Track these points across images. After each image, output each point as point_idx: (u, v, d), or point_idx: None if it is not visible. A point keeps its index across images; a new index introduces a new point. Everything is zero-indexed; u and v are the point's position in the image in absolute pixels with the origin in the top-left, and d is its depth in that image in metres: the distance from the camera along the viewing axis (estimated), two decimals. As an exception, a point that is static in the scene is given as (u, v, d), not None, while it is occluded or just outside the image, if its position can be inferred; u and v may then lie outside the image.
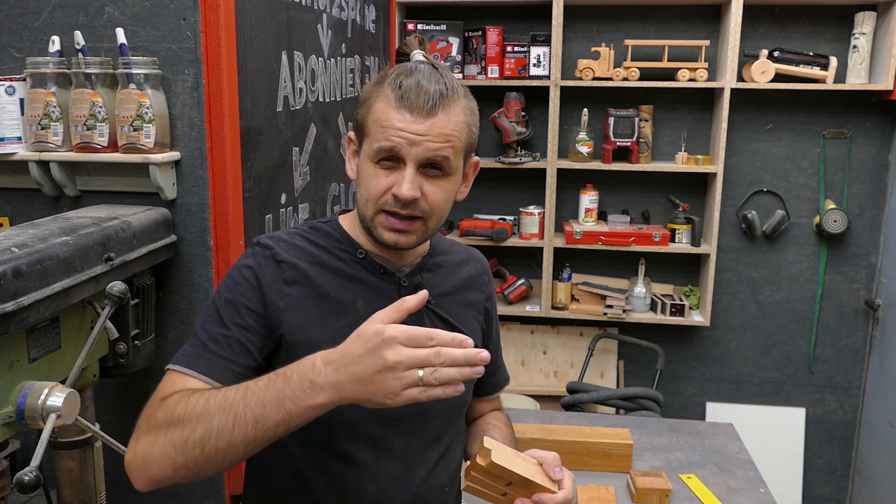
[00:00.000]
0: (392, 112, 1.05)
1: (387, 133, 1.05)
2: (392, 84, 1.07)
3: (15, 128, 1.61)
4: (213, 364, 1.05)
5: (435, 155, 1.06)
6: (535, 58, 3.11)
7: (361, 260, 1.16)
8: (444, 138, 1.06)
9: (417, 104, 1.05)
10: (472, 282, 1.28)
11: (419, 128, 1.05)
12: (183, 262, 1.66)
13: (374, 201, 1.08)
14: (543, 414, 2.29)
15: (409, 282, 1.18)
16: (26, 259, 1.20)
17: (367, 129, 1.09)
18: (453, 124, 1.07)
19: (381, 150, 1.06)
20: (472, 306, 1.27)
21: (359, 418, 1.11)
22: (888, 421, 3.06)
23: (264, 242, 1.14)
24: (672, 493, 1.71)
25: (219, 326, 1.08)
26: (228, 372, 1.05)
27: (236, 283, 1.11)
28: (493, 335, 1.34)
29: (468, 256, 1.31)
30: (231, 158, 1.62)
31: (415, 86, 1.05)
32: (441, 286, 1.22)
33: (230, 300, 1.09)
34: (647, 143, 3.14)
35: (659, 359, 3.16)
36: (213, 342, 1.07)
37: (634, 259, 3.30)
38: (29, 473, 1.13)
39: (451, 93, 1.07)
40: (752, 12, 3.03)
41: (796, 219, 3.26)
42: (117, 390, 1.73)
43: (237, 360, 1.07)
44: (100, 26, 1.59)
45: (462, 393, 1.23)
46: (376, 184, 1.08)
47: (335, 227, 1.19)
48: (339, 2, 2.26)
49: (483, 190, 3.40)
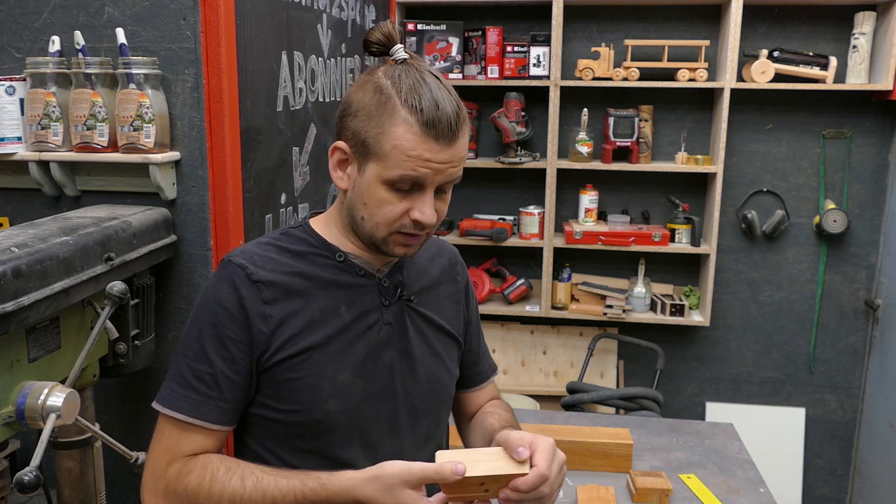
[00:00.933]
0: (418, 142, 1.01)
1: (413, 164, 1.02)
2: (408, 105, 1.01)
3: (15, 128, 1.61)
4: (202, 405, 1.07)
5: (454, 178, 1.07)
6: (534, 58, 3.11)
7: (341, 263, 1.15)
8: (462, 160, 1.06)
9: (442, 131, 1.01)
10: (445, 273, 1.29)
11: (445, 156, 1.03)
12: (183, 262, 1.66)
13: (389, 226, 1.07)
14: (543, 414, 2.29)
15: (389, 281, 1.17)
16: (26, 259, 1.20)
17: (382, 153, 1.03)
18: (467, 142, 1.07)
19: (403, 178, 1.03)
20: (451, 297, 1.28)
21: (353, 423, 1.12)
22: (888, 421, 3.06)
23: (237, 261, 1.10)
24: (672, 493, 1.71)
25: (203, 363, 1.08)
26: (217, 410, 1.08)
27: (216, 314, 1.08)
28: (472, 325, 1.33)
29: (438, 249, 1.31)
30: (231, 158, 1.62)
31: (434, 108, 1.01)
32: (419, 282, 1.22)
33: (213, 333, 1.08)
34: (646, 143, 3.14)
35: (659, 359, 3.16)
36: (200, 382, 1.07)
37: (634, 259, 3.30)
38: (29, 473, 1.13)
39: (461, 108, 1.05)
40: (751, 12, 3.03)
41: (796, 219, 3.26)
42: (117, 390, 1.73)
43: (226, 396, 1.08)
44: (100, 26, 1.59)
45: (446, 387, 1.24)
46: (392, 210, 1.06)
47: (309, 232, 1.17)
48: (339, 2, 2.26)
49: (483, 190, 3.40)
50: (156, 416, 1.13)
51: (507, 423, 1.24)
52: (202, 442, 1.09)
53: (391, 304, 1.17)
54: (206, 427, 1.08)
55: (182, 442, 1.08)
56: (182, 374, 1.09)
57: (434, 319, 1.22)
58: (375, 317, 1.15)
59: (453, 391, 1.29)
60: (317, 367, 1.10)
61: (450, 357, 1.26)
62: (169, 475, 1.07)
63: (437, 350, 1.22)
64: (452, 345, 1.27)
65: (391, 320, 1.16)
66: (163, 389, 1.11)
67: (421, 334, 1.20)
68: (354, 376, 1.12)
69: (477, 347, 1.36)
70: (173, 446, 1.08)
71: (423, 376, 1.19)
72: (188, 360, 1.09)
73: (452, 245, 1.36)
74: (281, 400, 1.10)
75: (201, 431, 1.08)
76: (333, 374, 1.10)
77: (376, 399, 1.14)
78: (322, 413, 1.10)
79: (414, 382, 1.18)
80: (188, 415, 1.07)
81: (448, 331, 1.25)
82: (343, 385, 1.11)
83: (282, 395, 1.10)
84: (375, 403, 1.14)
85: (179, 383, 1.09)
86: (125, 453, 1.39)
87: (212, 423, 1.08)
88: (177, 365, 1.10)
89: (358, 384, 1.12)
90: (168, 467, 1.08)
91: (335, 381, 1.10)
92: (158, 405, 1.10)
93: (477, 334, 1.36)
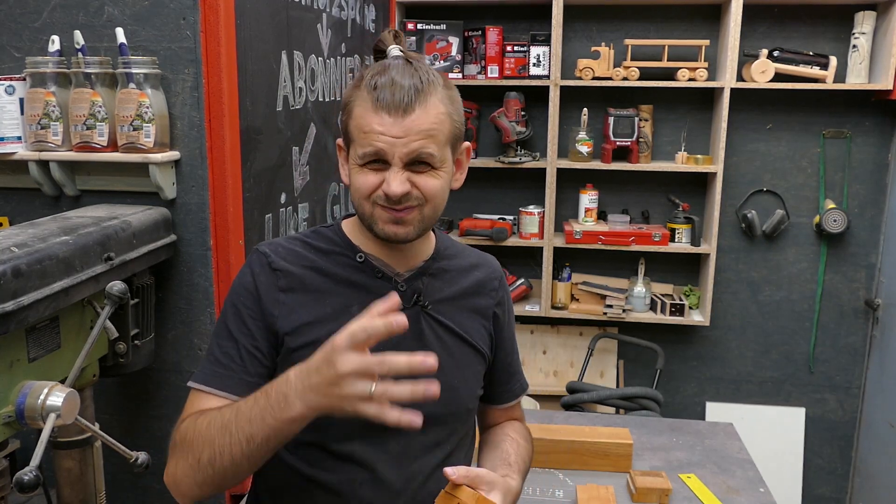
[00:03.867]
0: (371, 116, 1.05)
1: (369, 138, 1.05)
2: (367, 86, 1.06)
3: (15, 127, 1.61)
4: (227, 378, 1.11)
5: (418, 153, 1.06)
6: (534, 57, 3.11)
7: (360, 264, 1.16)
8: (424, 134, 1.06)
9: (393, 104, 1.04)
10: (480, 287, 1.26)
11: (398, 129, 1.04)
12: (183, 262, 1.66)
13: (367, 197, 1.09)
14: (543, 414, 2.29)
15: (407, 287, 1.17)
16: (26, 259, 1.20)
17: (352, 135, 1.09)
18: (432, 118, 1.06)
19: (365, 155, 1.06)
20: (479, 312, 1.25)
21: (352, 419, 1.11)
22: (888, 420, 3.06)
23: (262, 250, 1.17)
24: (672, 492, 1.71)
25: (228, 339, 1.13)
26: (241, 383, 1.10)
27: (238, 294, 1.15)
28: (504, 342, 1.31)
29: (479, 261, 1.30)
30: (231, 158, 1.62)
31: (389, 84, 1.04)
32: (443, 291, 1.21)
33: (235, 311, 1.13)
34: (646, 142, 3.14)
35: (659, 358, 3.16)
36: (225, 356, 1.12)
37: (634, 259, 3.30)
38: (29, 473, 1.13)
39: (427, 85, 1.06)
40: (751, 12, 3.03)
41: (796, 218, 3.26)
42: (117, 390, 1.73)
43: (248, 369, 1.11)
44: (99, 26, 1.59)
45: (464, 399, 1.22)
46: (365, 181, 1.08)
47: (336, 232, 1.20)
48: (339, 1, 2.26)
49: (483, 189, 3.40)
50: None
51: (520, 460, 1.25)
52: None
53: (405, 309, 1.14)
54: (228, 398, 1.09)
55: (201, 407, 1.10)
56: (212, 352, 1.14)
57: (453, 329, 1.20)
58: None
59: (473, 403, 1.27)
60: None
61: (470, 368, 1.24)
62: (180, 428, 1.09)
63: (456, 358, 1.20)
64: (475, 356, 1.24)
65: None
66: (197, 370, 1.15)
67: (440, 341, 1.18)
68: None
69: (510, 366, 1.34)
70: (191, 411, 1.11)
71: (439, 383, 1.18)
72: (217, 338, 1.14)
73: (497, 262, 1.34)
74: None
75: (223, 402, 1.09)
76: None
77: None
78: None
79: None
80: (213, 387, 1.11)
81: (470, 342, 1.23)
82: None
83: None
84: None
85: (210, 360, 1.13)
86: (125, 453, 1.39)
87: (233, 393, 1.09)
88: (210, 347, 1.15)
89: None
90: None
91: None
92: (191, 382, 1.13)
93: (512, 352, 1.34)
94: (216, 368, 1.12)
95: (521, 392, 1.39)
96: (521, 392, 1.38)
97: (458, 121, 1.12)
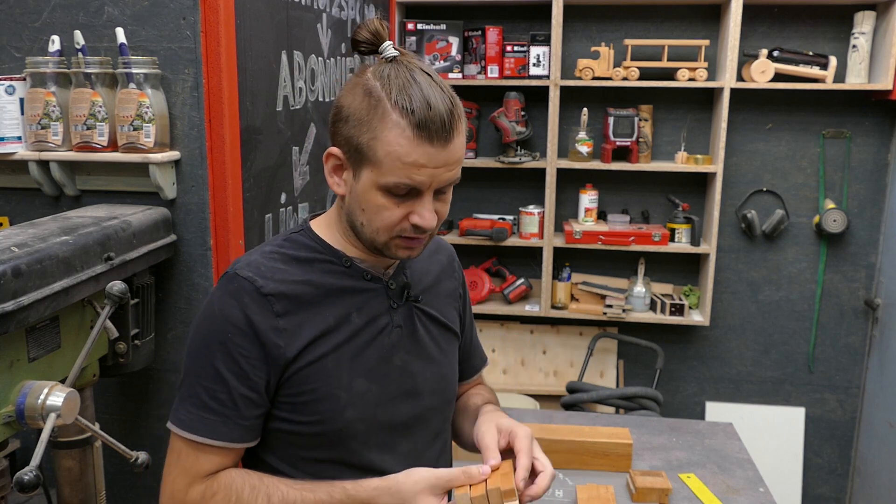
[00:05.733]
0: (412, 146, 0.97)
1: (408, 171, 0.98)
2: (399, 107, 0.97)
3: (15, 127, 1.61)
4: (221, 426, 1.04)
5: (452, 181, 1.04)
6: (534, 57, 3.11)
7: (348, 269, 1.13)
8: (460, 161, 1.03)
9: (436, 132, 0.97)
10: (444, 271, 1.28)
11: (441, 159, 0.99)
12: (183, 262, 1.66)
13: (389, 230, 1.05)
14: (543, 413, 2.29)
15: (395, 283, 1.17)
16: (26, 259, 1.20)
17: (376, 159, 0.99)
18: (464, 141, 1.03)
19: (400, 185, 1.00)
20: (449, 295, 1.27)
21: (371, 429, 1.12)
22: (888, 420, 3.06)
23: (244, 275, 1.06)
24: (672, 492, 1.71)
25: (218, 383, 1.04)
26: (238, 428, 1.05)
27: (225, 332, 1.04)
28: (467, 318, 1.34)
29: (436, 247, 1.30)
30: (231, 158, 1.62)
31: (426, 108, 0.96)
32: (422, 281, 1.22)
33: (224, 351, 1.04)
34: (646, 142, 3.14)
35: (658, 358, 3.16)
36: (215, 400, 1.04)
37: (634, 259, 3.30)
38: (29, 473, 1.13)
39: (456, 104, 1.01)
40: (751, 12, 3.03)
41: (796, 218, 3.26)
42: (117, 390, 1.73)
43: (243, 413, 1.05)
44: (99, 26, 1.59)
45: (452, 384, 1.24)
46: (390, 215, 1.02)
47: (312, 237, 1.14)
48: (339, 1, 2.26)
49: (483, 189, 3.40)
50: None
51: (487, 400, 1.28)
52: (221, 461, 1.07)
53: (399, 307, 1.16)
54: (225, 447, 1.05)
55: (201, 462, 1.05)
56: (197, 395, 1.05)
57: (438, 318, 1.22)
58: (385, 320, 1.14)
59: (458, 387, 1.30)
60: (331, 375, 1.08)
61: (453, 353, 1.27)
62: (190, 498, 1.05)
63: (443, 348, 1.23)
64: (454, 341, 1.27)
65: (401, 322, 1.16)
66: (177, 410, 1.07)
67: (430, 334, 1.20)
68: (369, 382, 1.11)
69: (471, 341, 1.37)
70: (192, 468, 1.05)
71: (433, 375, 1.19)
72: (201, 379, 1.05)
73: (447, 242, 1.36)
74: (298, 412, 1.08)
75: (220, 451, 1.06)
76: (349, 382, 1.09)
77: (391, 402, 1.14)
78: (342, 422, 1.08)
79: (424, 382, 1.18)
80: (206, 436, 1.04)
81: (451, 328, 1.25)
82: (358, 392, 1.10)
83: (299, 406, 1.08)
84: (390, 407, 1.13)
85: (195, 405, 1.05)
86: (125, 453, 1.39)
87: (232, 442, 1.05)
88: (190, 385, 1.06)
89: (373, 390, 1.11)
90: (189, 490, 1.05)
91: (351, 389, 1.09)
92: (175, 427, 1.06)
93: (471, 328, 1.37)
94: (206, 415, 1.04)
95: (483, 364, 1.40)
96: (482, 365, 1.40)
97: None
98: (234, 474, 1.06)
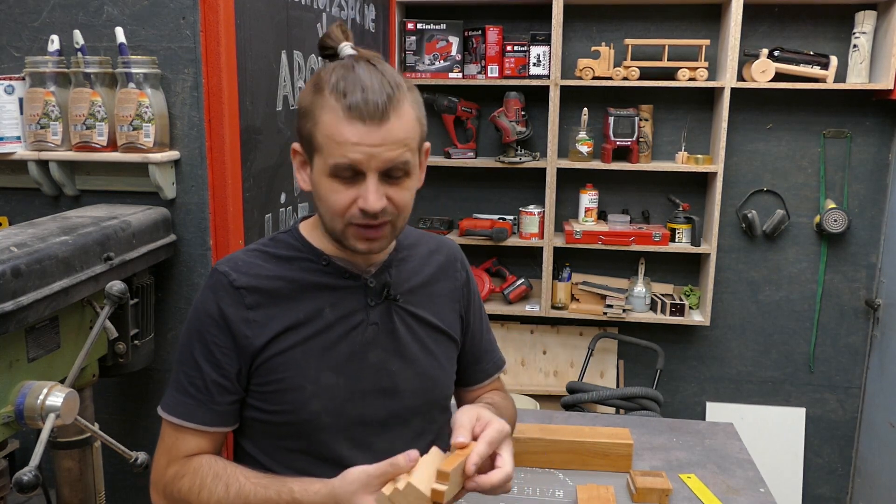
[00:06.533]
0: (343, 126, 1.00)
1: (342, 150, 1.01)
2: (334, 92, 1.02)
3: (14, 127, 1.61)
4: (195, 409, 1.12)
5: (395, 163, 1.03)
6: (534, 57, 3.11)
7: (325, 267, 1.15)
8: (401, 143, 1.03)
9: (367, 112, 1.00)
10: (443, 271, 1.27)
11: (374, 138, 1.00)
12: (182, 262, 1.66)
13: (341, 216, 1.06)
14: (543, 413, 2.28)
15: (375, 281, 1.17)
16: (25, 259, 1.20)
17: (318, 144, 1.04)
18: (406, 124, 1.04)
19: (338, 167, 1.02)
20: (446, 296, 1.26)
21: (339, 423, 1.13)
22: (888, 420, 3.06)
23: (221, 269, 1.14)
24: (672, 492, 1.70)
25: (194, 369, 1.12)
26: (210, 412, 1.13)
27: (201, 322, 1.12)
28: (473, 320, 1.32)
29: (437, 245, 1.30)
30: (231, 158, 1.62)
31: (359, 91, 1.00)
32: (410, 281, 1.21)
33: (200, 340, 1.12)
34: (647, 142, 3.14)
35: (659, 358, 3.16)
36: (192, 386, 1.12)
37: (634, 259, 3.30)
38: (28, 473, 1.13)
39: (397, 90, 1.02)
40: (752, 11, 3.03)
41: (796, 218, 3.25)
42: (117, 390, 1.73)
43: (216, 399, 1.12)
44: (99, 25, 1.59)
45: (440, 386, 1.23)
46: (338, 199, 1.05)
47: (296, 237, 1.18)
48: (339, 1, 2.26)
49: (483, 189, 3.40)
50: (154, 415, 1.15)
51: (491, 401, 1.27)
52: (198, 443, 1.14)
53: (377, 305, 1.16)
54: (199, 429, 1.13)
55: (179, 444, 1.13)
56: (179, 381, 1.14)
57: (426, 318, 1.21)
58: (360, 317, 1.15)
59: (450, 390, 1.29)
60: (299, 367, 1.11)
61: (445, 355, 1.25)
62: (167, 476, 1.13)
63: (430, 349, 1.22)
64: (448, 343, 1.26)
65: (377, 320, 1.16)
66: (165, 396, 1.15)
67: (413, 333, 1.20)
68: (338, 376, 1.13)
69: (479, 345, 1.34)
70: (171, 448, 1.14)
71: (415, 375, 1.19)
72: (183, 366, 1.14)
73: (454, 242, 1.34)
74: (267, 401, 1.13)
75: (196, 433, 1.13)
76: (315, 375, 1.11)
77: (364, 398, 1.14)
78: (308, 413, 1.11)
79: (405, 381, 1.18)
80: (182, 418, 1.12)
81: (442, 329, 1.24)
82: (326, 386, 1.12)
83: (268, 396, 1.13)
84: (363, 403, 1.14)
85: (177, 389, 1.14)
86: (125, 453, 1.39)
87: (205, 425, 1.12)
88: (175, 373, 1.15)
89: (342, 384, 1.13)
90: (167, 468, 1.14)
91: (318, 382, 1.11)
92: (160, 410, 1.15)
93: (479, 331, 1.34)
94: (185, 399, 1.12)
95: (496, 370, 1.37)
96: (495, 370, 1.37)
97: (424, 124, 1.10)
98: (205, 461, 1.12)
